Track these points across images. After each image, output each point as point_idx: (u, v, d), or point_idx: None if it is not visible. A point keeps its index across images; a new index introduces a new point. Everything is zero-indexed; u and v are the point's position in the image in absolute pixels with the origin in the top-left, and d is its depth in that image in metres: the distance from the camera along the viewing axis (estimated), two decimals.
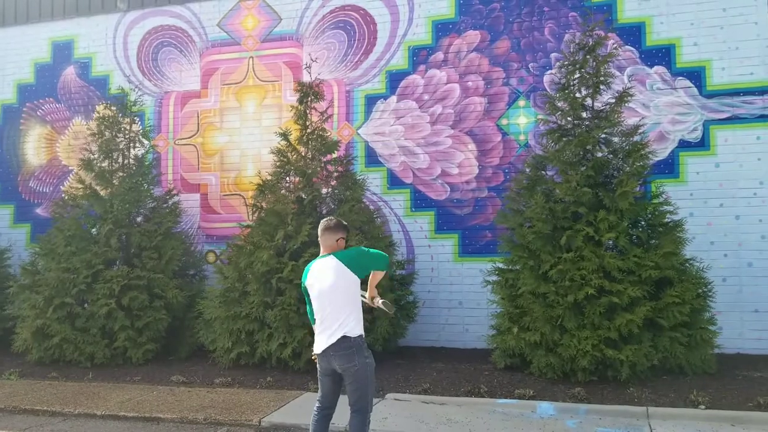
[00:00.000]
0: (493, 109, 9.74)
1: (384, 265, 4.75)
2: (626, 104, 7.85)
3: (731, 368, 7.74)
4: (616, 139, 7.83)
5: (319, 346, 4.63)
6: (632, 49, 9.24)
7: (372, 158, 10.22)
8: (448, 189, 9.86)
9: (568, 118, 7.84)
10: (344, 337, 4.53)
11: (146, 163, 10.04)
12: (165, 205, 9.90)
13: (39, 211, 11.79)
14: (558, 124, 7.96)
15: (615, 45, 8.44)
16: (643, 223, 7.56)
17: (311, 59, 9.64)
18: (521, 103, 9.63)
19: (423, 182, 9.99)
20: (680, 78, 9.04)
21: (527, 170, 8.15)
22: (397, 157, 10.11)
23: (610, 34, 9.24)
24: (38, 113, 12.08)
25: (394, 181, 10.11)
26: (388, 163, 10.15)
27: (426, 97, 10.03)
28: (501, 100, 9.73)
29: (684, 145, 8.98)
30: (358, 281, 4.65)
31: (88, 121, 11.43)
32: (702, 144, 8.92)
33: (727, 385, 6.97)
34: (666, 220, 7.52)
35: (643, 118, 8.98)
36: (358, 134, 10.30)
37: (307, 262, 7.92)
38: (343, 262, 4.60)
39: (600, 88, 7.95)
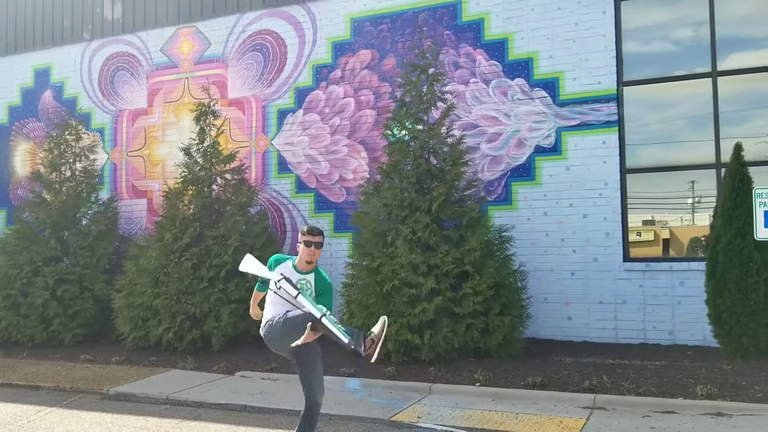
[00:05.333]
0: (381, 120, 10.78)
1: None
2: (448, 117, 8.83)
3: (549, 353, 8.58)
4: (446, 149, 8.79)
5: None
6: (497, 63, 10.09)
7: (283, 166, 11.50)
8: (345, 192, 11.01)
9: (403, 132, 8.87)
10: None
11: (94, 174, 11.73)
12: (107, 210, 11.52)
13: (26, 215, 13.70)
14: (397, 138, 8.99)
15: (440, 66, 9.41)
16: (461, 223, 8.48)
17: (208, 82, 11.03)
18: (410, 113, 10.63)
19: (324, 187, 11.18)
20: (537, 88, 9.83)
21: (378, 177, 9.23)
22: (304, 164, 11.34)
23: (477, 50, 10.20)
24: (24, 131, 14.03)
25: (300, 186, 11.35)
26: (296, 170, 11.40)
27: (327, 110, 11.21)
28: (387, 112, 10.74)
29: (539, 150, 9.77)
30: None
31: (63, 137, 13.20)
32: (555, 149, 9.69)
33: (519, 367, 7.85)
34: (481, 219, 8.43)
35: (503, 126, 9.87)
36: (272, 144, 11.59)
37: (189, 260, 9.36)
38: None
39: (437, 105, 8.96)
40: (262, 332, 5.04)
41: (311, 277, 5.01)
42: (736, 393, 6.62)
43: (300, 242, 4.94)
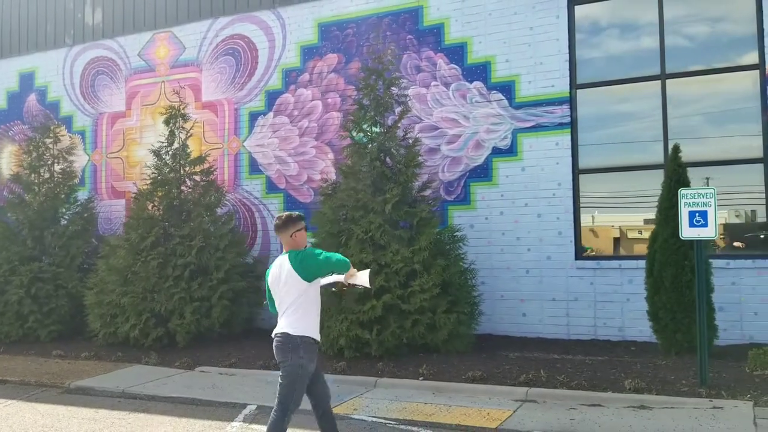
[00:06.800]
0: (347, 123, 11.07)
1: (340, 267, 4.76)
2: (403, 120, 9.14)
3: (498, 349, 8.85)
4: (403, 151, 9.08)
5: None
6: (456, 66, 10.34)
7: (254, 167, 11.82)
8: (312, 193, 11.29)
9: (360, 134, 9.16)
10: (285, 333, 4.73)
11: (72, 175, 12.11)
12: (84, 210, 11.89)
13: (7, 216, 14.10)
14: (355, 140, 9.28)
15: (396, 69, 9.69)
16: (413, 223, 8.76)
17: (180, 86, 11.35)
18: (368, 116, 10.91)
19: (293, 187, 11.49)
20: (494, 91, 10.07)
21: (339, 178, 9.53)
22: (274, 165, 11.65)
23: (438, 54, 10.47)
24: (9, 134, 14.43)
25: (271, 187, 11.67)
26: (267, 171, 11.71)
27: (296, 113, 11.51)
28: (351, 115, 11.05)
29: (496, 151, 10.02)
30: (310, 284, 4.75)
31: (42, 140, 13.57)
32: (511, 150, 9.94)
33: (464, 362, 8.12)
34: (432, 220, 8.71)
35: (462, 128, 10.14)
36: (244, 146, 11.91)
37: (155, 259, 9.68)
38: (292, 265, 4.72)
39: (394, 109, 9.25)
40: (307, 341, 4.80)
41: None
42: (663, 387, 6.87)
43: (299, 229, 4.86)
